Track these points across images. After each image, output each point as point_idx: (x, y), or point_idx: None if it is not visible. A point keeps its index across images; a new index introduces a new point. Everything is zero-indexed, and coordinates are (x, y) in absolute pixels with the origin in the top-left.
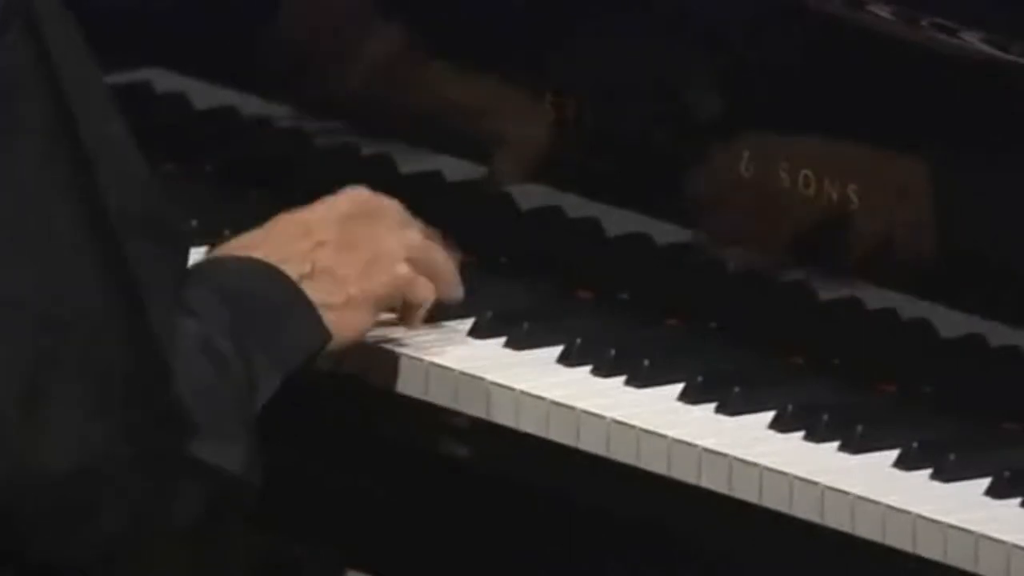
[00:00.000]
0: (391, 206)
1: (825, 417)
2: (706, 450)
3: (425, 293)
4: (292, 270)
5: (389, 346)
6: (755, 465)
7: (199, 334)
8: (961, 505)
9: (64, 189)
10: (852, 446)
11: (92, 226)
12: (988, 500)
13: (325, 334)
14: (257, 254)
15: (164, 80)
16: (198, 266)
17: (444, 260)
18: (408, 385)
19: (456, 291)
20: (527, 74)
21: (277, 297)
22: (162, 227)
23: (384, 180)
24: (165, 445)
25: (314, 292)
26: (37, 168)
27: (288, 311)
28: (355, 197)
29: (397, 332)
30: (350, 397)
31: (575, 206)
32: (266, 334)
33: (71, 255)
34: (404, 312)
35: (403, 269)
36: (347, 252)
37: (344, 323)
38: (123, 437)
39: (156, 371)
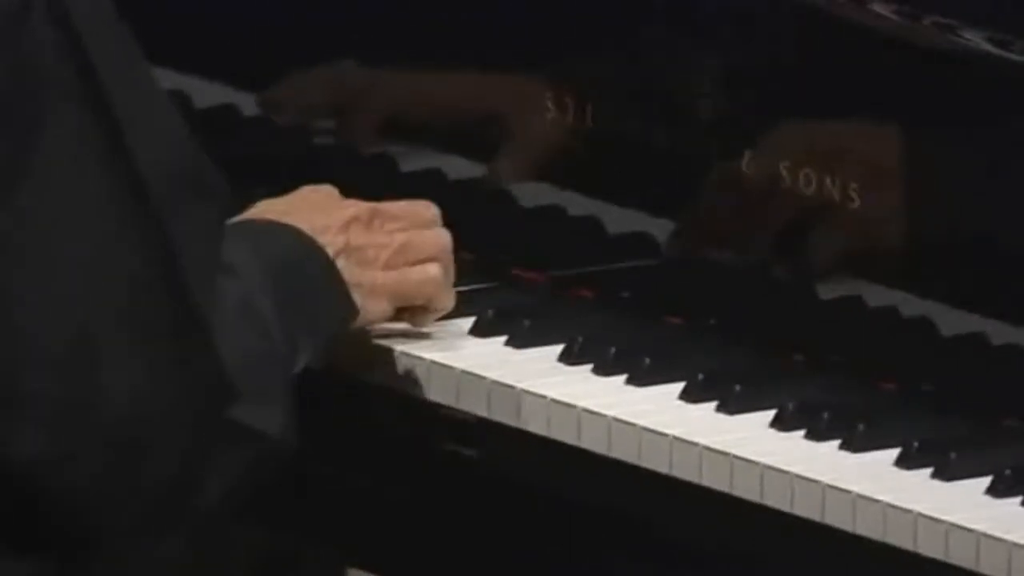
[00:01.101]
0: (422, 205)
1: (826, 416)
2: (707, 448)
3: (447, 301)
4: (326, 243)
5: (390, 344)
6: (756, 464)
7: (240, 295)
8: (962, 504)
9: (98, 158)
10: (853, 444)
11: (127, 191)
12: (989, 499)
13: (354, 310)
14: (290, 221)
15: (164, 79)
16: (237, 226)
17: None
18: (409, 384)
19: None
20: (528, 72)
21: (313, 268)
22: (201, 185)
23: (385, 179)
24: (206, 408)
25: (344, 270)
26: (71, 140)
27: (323, 284)
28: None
29: (399, 330)
30: (351, 396)
31: (576, 204)
32: (302, 302)
33: (108, 220)
34: (417, 312)
35: (435, 270)
36: (379, 233)
37: (365, 307)
38: (167, 398)
39: (197, 333)
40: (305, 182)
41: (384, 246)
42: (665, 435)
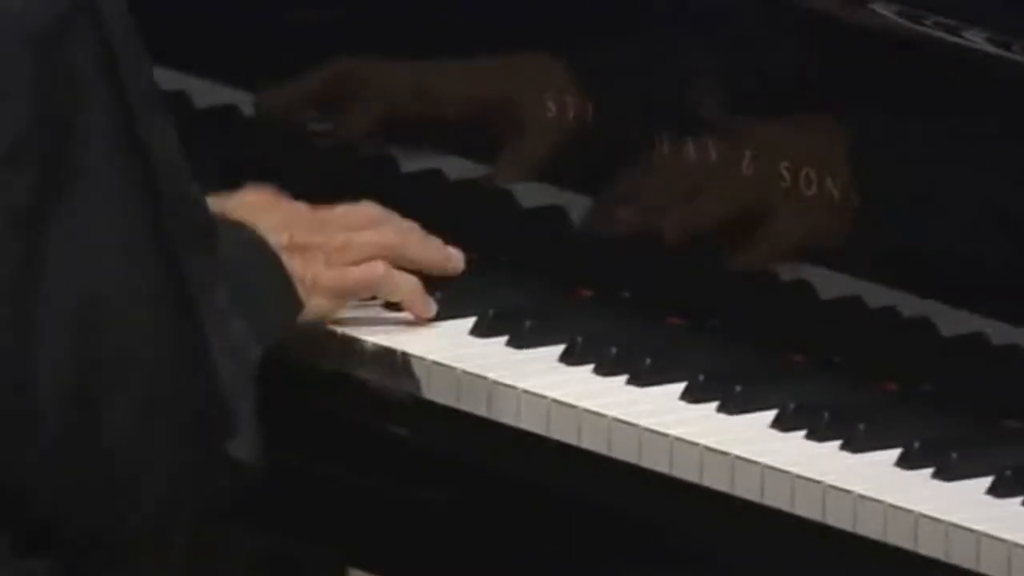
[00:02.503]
0: (365, 205)
1: (827, 416)
2: (708, 449)
3: (405, 288)
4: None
5: (391, 344)
6: (756, 464)
7: (218, 315)
8: (963, 504)
9: (126, 187)
10: (854, 445)
11: (149, 226)
12: (990, 499)
13: (300, 306)
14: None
15: (165, 79)
16: None
17: (423, 245)
18: (410, 384)
19: (451, 264)
20: (529, 72)
21: (262, 263)
22: (206, 230)
23: (385, 179)
24: (208, 445)
25: (286, 264)
26: (101, 165)
27: (271, 277)
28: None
29: (398, 332)
30: (351, 397)
31: (576, 204)
32: (254, 299)
33: (130, 251)
34: (405, 304)
35: (380, 267)
36: (319, 234)
37: (308, 303)
38: (170, 436)
39: (203, 373)
40: (305, 183)
41: (324, 245)
42: (666, 435)
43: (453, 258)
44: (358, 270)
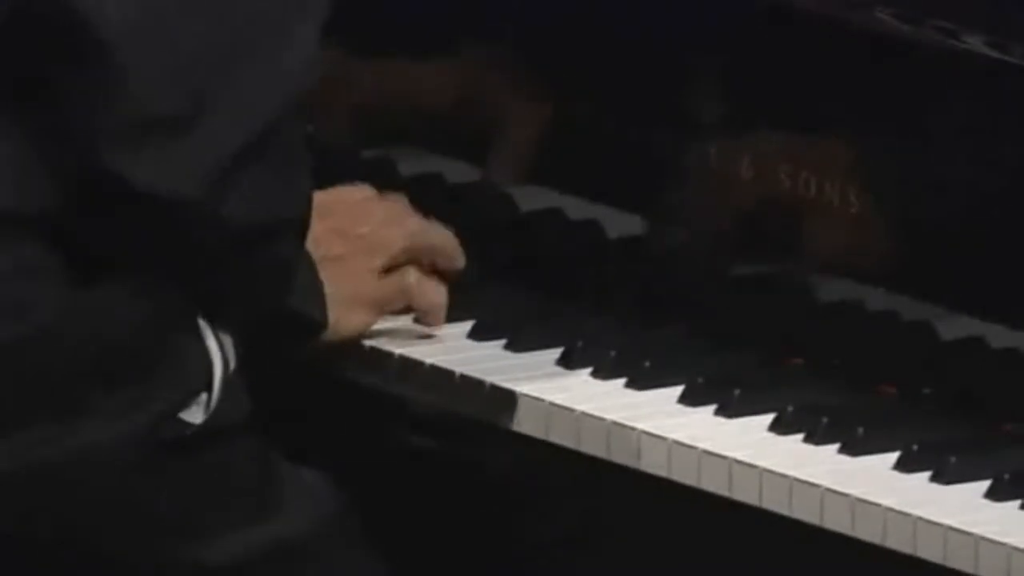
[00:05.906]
0: (392, 201)
1: (825, 419)
2: (706, 452)
3: (435, 297)
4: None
5: (389, 349)
6: (755, 467)
7: None
8: (961, 507)
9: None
10: (852, 448)
11: None
12: (988, 502)
13: (324, 320)
14: None
15: None
16: None
17: (443, 238)
18: (409, 388)
19: (460, 256)
20: (528, 75)
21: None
22: None
23: (384, 182)
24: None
25: (326, 281)
26: None
27: (305, 283)
28: (357, 192)
29: (398, 336)
30: (351, 401)
31: (576, 208)
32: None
33: None
34: (422, 314)
35: (412, 277)
36: (357, 244)
37: (347, 319)
38: None
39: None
40: None
41: (357, 252)
42: (664, 439)
43: (459, 250)
44: (394, 280)
